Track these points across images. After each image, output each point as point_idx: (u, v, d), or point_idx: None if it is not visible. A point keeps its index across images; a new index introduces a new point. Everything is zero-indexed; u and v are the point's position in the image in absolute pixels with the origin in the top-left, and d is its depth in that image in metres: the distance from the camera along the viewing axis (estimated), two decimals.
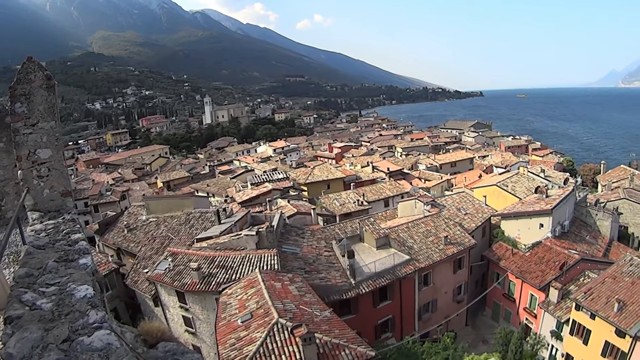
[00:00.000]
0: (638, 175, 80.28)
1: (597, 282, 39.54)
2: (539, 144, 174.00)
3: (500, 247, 52.25)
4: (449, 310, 46.43)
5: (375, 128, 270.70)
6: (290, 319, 23.74)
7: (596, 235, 56.21)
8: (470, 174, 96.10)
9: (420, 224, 47.82)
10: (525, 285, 46.11)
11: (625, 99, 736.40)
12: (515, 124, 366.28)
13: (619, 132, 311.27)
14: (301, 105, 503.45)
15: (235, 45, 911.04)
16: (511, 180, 66.81)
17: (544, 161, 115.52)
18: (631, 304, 35.62)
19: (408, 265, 40.85)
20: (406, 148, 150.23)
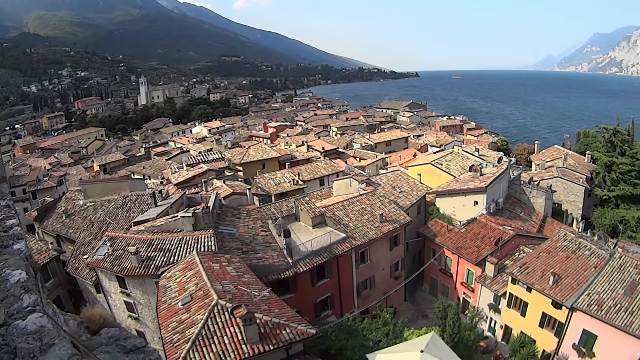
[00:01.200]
0: (571, 155, 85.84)
1: (532, 257, 42.67)
2: (474, 123, 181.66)
3: (435, 224, 55.05)
4: (387, 286, 48.25)
5: (310, 108, 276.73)
6: (230, 300, 24.23)
7: (530, 212, 60.39)
8: (405, 153, 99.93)
9: (356, 202, 49.37)
10: (462, 260, 49.01)
11: (560, 82, 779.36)
12: (449, 104, 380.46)
13: (552, 114, 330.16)
14: (236, 85, 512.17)
15: (171, 25, 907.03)
16: (446, 159, 69.63)
17: (478, 140, 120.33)
18: (566, 277, 38.87)
19: (344, 243, 42.16)
20: (341, 127, 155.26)
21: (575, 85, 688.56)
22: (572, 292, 37.45)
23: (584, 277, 38.78)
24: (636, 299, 34.92)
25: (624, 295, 35.44)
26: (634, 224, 65.50)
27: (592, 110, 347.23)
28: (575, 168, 77.30)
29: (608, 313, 34.30)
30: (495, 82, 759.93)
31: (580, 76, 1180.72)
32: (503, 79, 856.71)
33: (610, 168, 73.62)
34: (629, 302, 34.69)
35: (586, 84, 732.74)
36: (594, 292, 36.47)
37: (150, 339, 34.38)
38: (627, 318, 33.44)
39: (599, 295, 35.97)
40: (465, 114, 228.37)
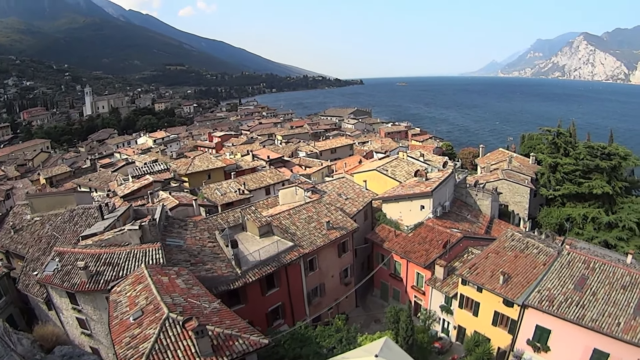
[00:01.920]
0: (516, 157, 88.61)
1: (481, 258, 43.77)
2: (419, 129, 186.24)
3: (383, 229, 55.74)
4: (338, 293, 49.08)
5: (255, 116, 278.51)
6: (181, 313, 24.65)
7: (477, 214, 62.23)
8: (351, 160, 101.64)
9: (302, 211, 49.97)
10: (411, 264, 49.80)
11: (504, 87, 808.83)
12: (394, 110, 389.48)
13: (496, 118, 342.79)
14: (181, 94, 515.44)
15: (116, 33, 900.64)
16: (391, 165, 70.85)
17: (423, 146, 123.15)
18: (515, 276, 40.12)
19: (292, 251, 42.70)
20: (286, 136, 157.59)
21: (519, 90, 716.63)
22: (522, 290, 38.56)
23: (534, 274, 40.17)
24: (586, 293, 36.52)
25: (575, 289, 37.01)
26: (581, 221, 68.13)
27: (536, 113, 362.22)
28: (520, 170, 79.72)
29: (560, 308, 35.68)
30: (439, 88, 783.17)
31: (524, 81, 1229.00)
32: (447, 85, 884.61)
33: (554, 169, 76.55)
34: (580, 296, 36.27)
35: (529, 89, 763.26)
36: (544, 288, 37.83)
37: (105, 355, 34.19)
38: (579, 311, 34.99)
39: (550, 292, 37.33)
40: (410, 120, 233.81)
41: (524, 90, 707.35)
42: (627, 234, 63.21)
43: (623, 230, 63.54)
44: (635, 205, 67.94)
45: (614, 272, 38.45)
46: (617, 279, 37.75)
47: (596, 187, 68.78)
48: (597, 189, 68.60)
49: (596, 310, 34.92)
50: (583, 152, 74.58)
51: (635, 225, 62.99)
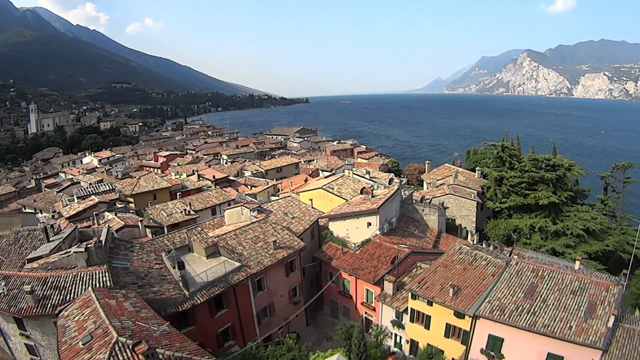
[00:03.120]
0: (462, 172, 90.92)
1: (430, 272, 44.57)
2: (364, 147, 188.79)
3: (330, 247, 56.00)
4: (288, 312, 49.14)
5: (200, 136, 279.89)
6: (130, 337, 24.24)
7: (425, 229, 63.32)
8: (297, 179, 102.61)
9: (249, 230, 49.82)
10: (360, 281, 50.18)
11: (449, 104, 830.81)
12: (340, 128, 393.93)
13: (441, 134, 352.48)
14: (127, 112, 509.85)
15: (63, 49, 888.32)
16: (337, 183, 71.11)
17: (369, 163, 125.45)
18: (465, 288, 41.07)
19: (240, 272, 42.53)
20: (232, 155, 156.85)
21: (464, 106, 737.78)
22: (472, 301, 39.42)
23: (483, 285, 41.27)
24: (537, 300, 37.83)
25: (525, 297, 38.26)
26: (528, 231, 70.41)
27: (481, 128, 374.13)
28: (466, 184, 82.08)
29: (511, 316, 36.74)
30: (384, 105, 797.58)
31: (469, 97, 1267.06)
32: (392, 103, 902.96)
33: (500, 182, 78.97)
34: (530, 304, 37.53)
35: (474, 105, 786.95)
36: (494, 298, 38.83)
37: None
38: (531, 318, 36.21)
39: (500, 301, 38.34)
40: (355, 138, 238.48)
41: (469, 107, 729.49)
42: (574, 241, 65.42)
43: (570, 238, 65.71)
44: (581, 213, 70.52)
45: (563, 279, 39.96)
46: (566, 284, 39.26)
47: (542, 198, 71.07)
48: (543, 199, 70.89)
49: (547, 316, 36.14)
50: (528, 165, 77.18)
51: (582, 232, 65.25)
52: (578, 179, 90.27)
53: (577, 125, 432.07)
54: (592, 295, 37.83)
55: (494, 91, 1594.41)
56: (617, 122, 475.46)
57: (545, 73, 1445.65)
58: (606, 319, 35.18)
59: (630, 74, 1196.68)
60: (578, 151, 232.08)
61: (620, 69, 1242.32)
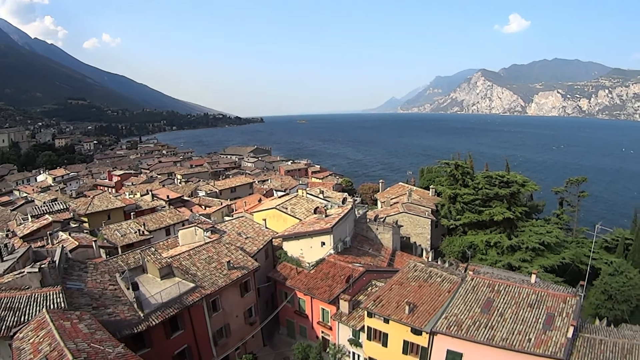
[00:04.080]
0: (416, 190, 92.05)
1: (385, 290, 44.75)
2: (319, 166, 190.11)
3: (284, 267, 56.10)
4: (243, 332, 49.00)
5: (155, 155, 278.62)
6: (85, 359, 24.06)
7: (379, 247, 64.03)
8: (251, 199, 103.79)
9: (202, 251, 49.73)
10: (315, 300, 50.28)
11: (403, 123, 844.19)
12: (294, 147, 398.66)
13: (394, 153, 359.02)
14: (82, 130, 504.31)
15: (20, 62, 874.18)
16: (291, 203, 71.58)
17: (323, 183, 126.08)
18: (421, 304, 41.27)
19: (194, 292, 42.29)
20: (186, 175, 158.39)
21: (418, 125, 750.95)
22: (429, 317, 39.57)
23: (439, 302, 41.60)
24: (494, 314, 38.27)
25: (482, 312, 38.70)
26: (484, 247, 71.50)
27: (434, 147, 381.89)
28: (420, 202, 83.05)
29: (469, 331, 37.05)
30: (338, 125, 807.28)
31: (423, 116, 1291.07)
32: (347, 122, 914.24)
33: (454, 199, 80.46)
34: (488, 318, 37.94)
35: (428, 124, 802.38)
36: (451, 314, 39.11)
37: None
38: (489, 333, 36.61)
39: (457, 317, 38.63)
40: (309, 157, 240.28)
41: (423, 126, 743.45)
42: (530, 255, 66.63)
43: (526, 252, 66.91)
44: (536, 227, 71.92)
45: (519, 292, 40.56)
46: (522, 298, 39.87)
47: (497, 214, 72.46)
48: (497, 215, 72.26)
49: (505, 330, 36.57)
50: (482, 182, 78.72)
51: (538, 246, 66.51)
52: (532, 195, 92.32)
53: (531, 142, 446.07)
54: (549, 307, 38.48)
55: (448, 110, 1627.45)
56: (571, 138, 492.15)
57: (499, 92, 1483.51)
58: (565, 330, 35.80)
59: (583, 91, 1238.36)
60: (532, 167, 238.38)
61: (574, 87, 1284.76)
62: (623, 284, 58.60)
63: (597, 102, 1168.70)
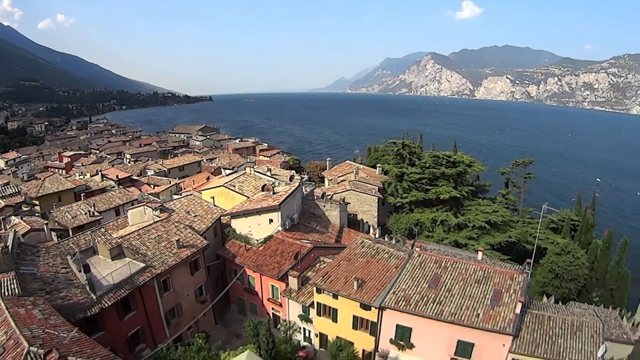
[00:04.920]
0: (363, 168, 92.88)
1: (333, 266, 45.21)
2: (266, 145, 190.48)
3: (233, 244, 55.89)
4: (195, 311, 48.62)
5: (104, 135, 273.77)
6: (41, 346, 23.56)
7: (326, 224, 64.71)
8: (199, 177, 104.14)
9: (152, 230, 48.98)
10: (264, 277, 50.41)
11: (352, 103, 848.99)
12: (242, 126, 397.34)
13: (343, 132, 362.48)
14: (34, 111, 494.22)
15: None
16: (239, 181, 71.31)
17: (270, 161, 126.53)
18: (369, 280, 41.90)
19: (145, 272, 41.71)
20: (135, 154, 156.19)
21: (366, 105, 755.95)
22: (377, 293, 40.23)
23: (387, 277, 42.35)
24: (442, 290, 39.12)
25: (429, 288, 39.50)
26: (430, 225, 72.95)
27: (382, 126, 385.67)
28: (367, 180, 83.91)
29: (417, 306, 37.85)
30: (287, 104, 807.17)
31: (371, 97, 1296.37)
32: (295, 101, 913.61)
33: (401, 178, 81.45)
34: (435, 294, 38.77)
35: (377, 104, 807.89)
36: (399, 289, 39.80)
37: None
38: (437, 308, 37.46)
39: (405, 292, 39.35)
40: (257, 136, 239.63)
41: (371, 106, 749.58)
42: (476, 233, 68.35)
43: (472, 230, 68.62)
44: (482, 206, 73.67)
45: (467, 269, 41.51)
46: (470, 274, 40.85)
47: (443, 193, 73.94)
48: (444, 194, 73.73)
49: (454, 305, 37.47)
50: (429, 161, 79.99)
51: (484, 225, 68.18)
52: (479, 175, 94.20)
53: (477, 124, 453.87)
54: (497, 284, 39.50)
55: (396, 91, 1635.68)
56: (517, 122, 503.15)
57: (449, 75, 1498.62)
58: (513, 306, 36.88)
59: (532, 78, 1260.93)
60: (477, 148, 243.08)
61: (523, 73, 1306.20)
62: (570, 264, 60.61)
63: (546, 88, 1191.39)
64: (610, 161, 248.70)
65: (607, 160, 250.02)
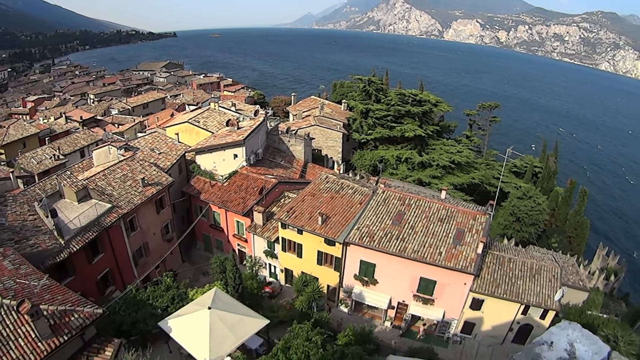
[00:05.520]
0: (328, 104, 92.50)
1: (298, 201, 45.46)
2: (231, 80, 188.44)
3: (198, 181, 55.80)
4: (162, 250, 48.74)
5: (68, 76, 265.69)
6: (13, 297, 23.38)
7: (291, 159, 65.02)
8: (163, 114, 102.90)
9: (117, 170, 48.45)
10: (230, 213, 50.65)
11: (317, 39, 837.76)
12: (206, 61, 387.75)
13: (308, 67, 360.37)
14: None
15: None
16: (203, 116, 70.50)
17: (235, 96, 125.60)
18: (334, 215, 42.30)
19: (111, 213, 41.57)
20: (99, 94, 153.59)
21: (333, 41, 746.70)
22: (342, 228, 40.75)
23: (351, 213, 42.78)
24: (405, 227, 39.75)
25: (393, 224, 40.06)
26: (394, 162, 73.89)
27: (348, 63, 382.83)
28: (332, 116, 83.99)
29: (381, 242, 38.45)
30: (252, 39, 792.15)
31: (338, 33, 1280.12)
32: (260, 36, 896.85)
33: (366, 114, 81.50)
34: (399, 231, 39.38)
35: (343, 40, 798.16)
36: (363, 225, 40.30)
37: None
38: (400, 244, 38.16)
39: (369, 228, 39.87)
40: (222, 71, 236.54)
41: (337, 42, 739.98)
42: (440, 172, 69.35)
43: (436, 169, 69.56)
44: (446, 146, 74.62)
45: (430, 207, 42.17)
46: (433, 212, 41.53)
47: (408, 131, 74.55)
48: (409, 132, 74.36)
49: (417, 242, 38.23)
50: (394, 99, 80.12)
51: (448, 164, 69.06)
52: (444, 115, 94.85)
53: (444, 65, 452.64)
54: (459, 223, 40.33)
55: (364, 28, 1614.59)
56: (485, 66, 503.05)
57: (418, 15, 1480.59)
58: (475, 246, 37.80)
59: (503, 24, 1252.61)
60: (441, 88, 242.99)
61: (494, 18, 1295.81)
62: (531, 208, 62.11)
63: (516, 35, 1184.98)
64: (574, 113, 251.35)
65: (570, 112, 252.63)
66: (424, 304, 40.78)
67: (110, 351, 24.03)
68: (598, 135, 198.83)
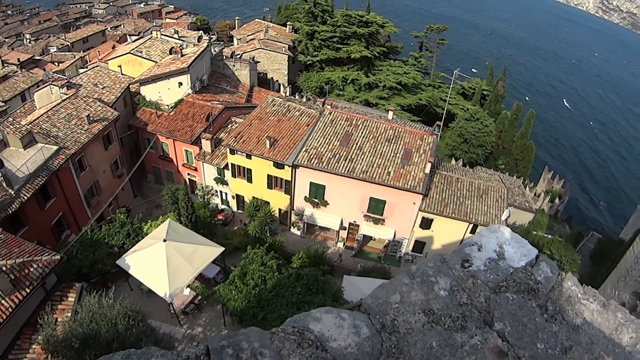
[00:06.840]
0: (273, 27, 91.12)
1: (245, 126, 45.54)
2: (173, 7, 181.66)
3: (144, 112, 54.95)
4: (113, 187, 48.24)
5: (0, 17, 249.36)
6: None
7: (236, 84, 64.39)
8: (104, 47, 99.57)
9: (60, 110, 47.29)
10: (178, 142, 50.45)
11: None
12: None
13: None
14: None
15: None
16: (145, 46, 68.49)
17: (178, 23, 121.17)
18: (281, 139, 42.65)
19: (59, 155, 40.87)
20: (35, 33, 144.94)
21: None
22: (290, 151, 41.19)
23: (299, 135, 43.16)
24: (353, 148, 40.30)
25: (341, 145, 40.55)
26: (340, 84, 73.99)
27: None
28: (277, 39, 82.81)
29: (329, 164, 38.99)
30: None
31: None
32: None
33: (312, 36, 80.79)
34: (347, 152, 39.91)
35: None
36: (311, 147, 40.73)
37: None
38: (349, 165, 38.78)
39: (317, 150, 40.31)
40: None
41: None
42: (387, 93, 69.80)
43: (383, 90, 69.99)
44: (393, 68, 74.87)
45: (377, 127, 42.68)
46: (380, 133, 42.06)
47: (354, 52, 74.40)
48: (355, 53, 74.20)
49: (365, 163, 38.89)
50: (340, 20, 79.23)
51: (395, 85, 69.45)
52: (390, 36, 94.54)
53: None
54: (407, 144, 41.00)
55: None
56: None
57: None
58: (423, 166, 38.64)
59: None
60: (390, 11, 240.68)
61: None
62: (479, 130, 63.45)
63: None
64: (522, 38, 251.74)
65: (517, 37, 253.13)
66: (374, 224, 41.96)
67: (73, 296, 24.26)
68: (543, 62, 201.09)
